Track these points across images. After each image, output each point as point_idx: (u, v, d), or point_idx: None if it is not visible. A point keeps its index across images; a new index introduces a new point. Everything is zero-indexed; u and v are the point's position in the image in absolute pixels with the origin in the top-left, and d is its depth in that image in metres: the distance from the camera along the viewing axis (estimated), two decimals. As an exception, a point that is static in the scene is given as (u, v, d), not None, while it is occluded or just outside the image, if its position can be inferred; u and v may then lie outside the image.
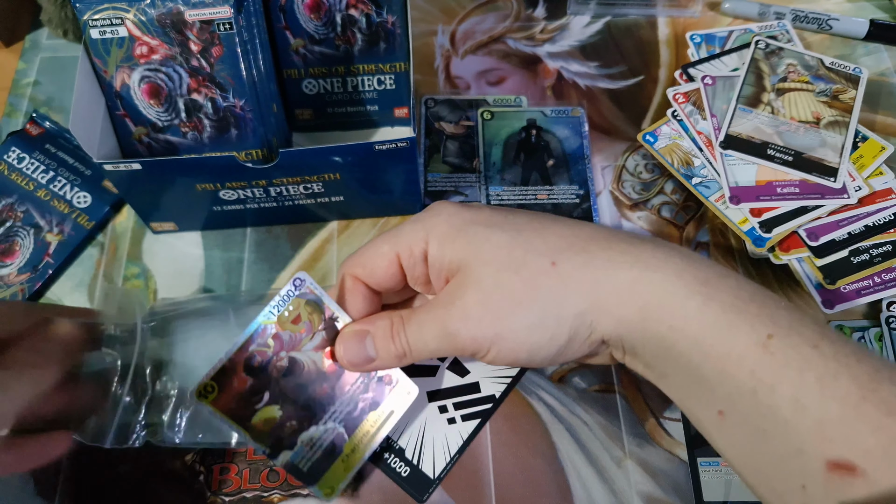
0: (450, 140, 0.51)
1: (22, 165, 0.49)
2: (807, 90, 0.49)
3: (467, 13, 0.58)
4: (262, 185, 0.43)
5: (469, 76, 0.54)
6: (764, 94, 0.49)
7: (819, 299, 0.44)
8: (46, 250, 0.47)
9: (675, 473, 0.40)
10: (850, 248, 0.45)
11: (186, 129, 0.44)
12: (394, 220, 0.48)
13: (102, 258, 0.47)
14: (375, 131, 0.52)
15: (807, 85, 0.50)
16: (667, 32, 0.56)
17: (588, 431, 0.41)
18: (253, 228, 0.48)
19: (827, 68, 0.50)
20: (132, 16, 0.40)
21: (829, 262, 0.45)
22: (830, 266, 0.44)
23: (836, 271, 0.44)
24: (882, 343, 0.42)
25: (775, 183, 0.46)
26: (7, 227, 0.47)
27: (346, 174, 0.43)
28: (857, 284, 0.44)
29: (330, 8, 0.45)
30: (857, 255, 0.45)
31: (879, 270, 0.44)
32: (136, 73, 0.42)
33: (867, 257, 0.45)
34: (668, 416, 0.41)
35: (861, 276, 0.44)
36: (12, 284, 0.45)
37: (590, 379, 0.43)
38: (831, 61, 0.51)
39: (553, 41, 0.56)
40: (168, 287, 0.46)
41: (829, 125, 0.48)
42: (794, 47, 0.52)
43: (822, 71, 0.50)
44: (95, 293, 0.46)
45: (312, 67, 0.48)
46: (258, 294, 0.45)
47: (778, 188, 0.46)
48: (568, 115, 0.52)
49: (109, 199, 0.49)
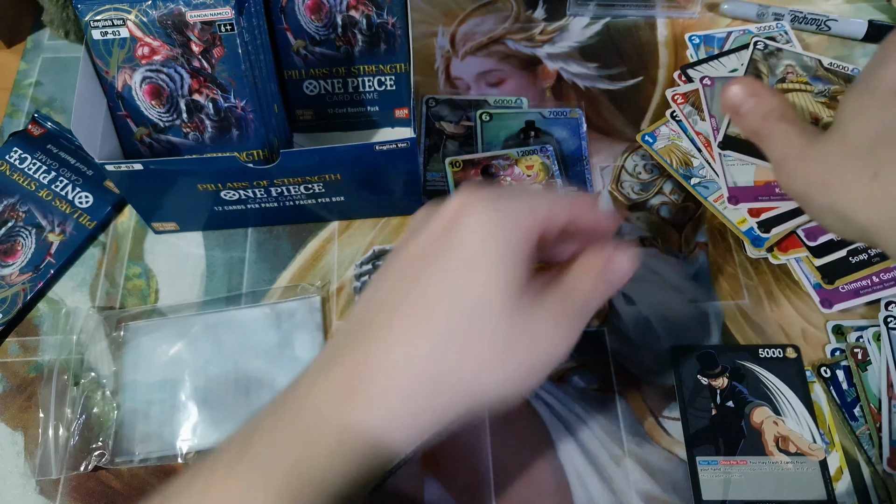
0: (450, 140, 0.51)
1: (24, 166, 0.49)
2: (805, 91, 0.49)
3: (467, 14, 0.58)
4: (264, 186, 0.43)
5: (469, 77, 0.54)
6: None
7: (817, 299, 0.44)
8: (48, 250, 0.47)
9: (673, 472, 0.40)
10: (848, 248, 0.45)
11: (188, 130, 0.44)
12: (394, 221, 0.48)
13: (104, 258, 0.48)
14: (376, 132, 0.52)
15: (805, 86, 0.50)
16: (665, 34, 0.56)
17: (587, 430, 0.41)
18: (254, 228, 0.48)
19: (825, 69, 0.51)
20: (134, 17, 0.40)
21: (828, 261, 0.45)
22: (829, 266, 0.45)
23: (834, 271, 0.44)
24: (880, 343, 0.42)
25: (773, 183, 0.46)
26: (9, 227, 0.48)
27: (346, 175, 0.43)
28: (856, 284, 0.44)
29: (331, 9, 0.45)
30: (855, 254, 0.45)
31: (878, 270, 0.44)
32: (137, 73, 0.42)
33: (865, 257, 0.45)
34: (666, 416, 0.41)
35: (859, 276, 0.44)
36: (14, 284, 0.46)
37: (589, 378, 0.43)
38: (829, 62, 0.51)
39: (552, 42, 0.56)
40: (169, 287, 0.46)
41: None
42: (792, 48, 0.52)
43: (821, 72, 0.51)
44: (97, 293, 0.46)
45: (313, 68, 0.48)
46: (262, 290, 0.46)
47: (776, 188, 0.46)
48: (566, 117, 0.52)
49: (111, 199, 0.49)
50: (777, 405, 0.41)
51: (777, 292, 0.45)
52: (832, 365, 0.42)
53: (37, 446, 0.41)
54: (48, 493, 0.40)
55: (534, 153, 0.49)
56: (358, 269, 0.46)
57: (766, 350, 0.43)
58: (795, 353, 0.42)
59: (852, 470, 0.39)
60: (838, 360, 0.42)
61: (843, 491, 0.39)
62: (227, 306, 0.45)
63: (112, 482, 0.40)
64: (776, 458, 0.39)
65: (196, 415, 0.41)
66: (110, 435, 0.41)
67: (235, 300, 0.45)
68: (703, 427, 0.41)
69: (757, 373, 0.42)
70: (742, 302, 0.45)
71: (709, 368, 0.42)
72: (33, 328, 0.45)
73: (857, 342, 0.42)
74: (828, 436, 0.40)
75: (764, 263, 0.46)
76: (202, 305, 0.45)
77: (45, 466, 0.40)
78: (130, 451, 0.40)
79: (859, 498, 0.39)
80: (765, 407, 0.41)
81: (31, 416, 0.42)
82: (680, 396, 0.42)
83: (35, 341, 0.45)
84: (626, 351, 0.43)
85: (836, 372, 0.42)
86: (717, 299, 0.45)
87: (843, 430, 0.40)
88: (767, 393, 0.41)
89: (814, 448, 0.40)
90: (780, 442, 0.40)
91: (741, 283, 0.45)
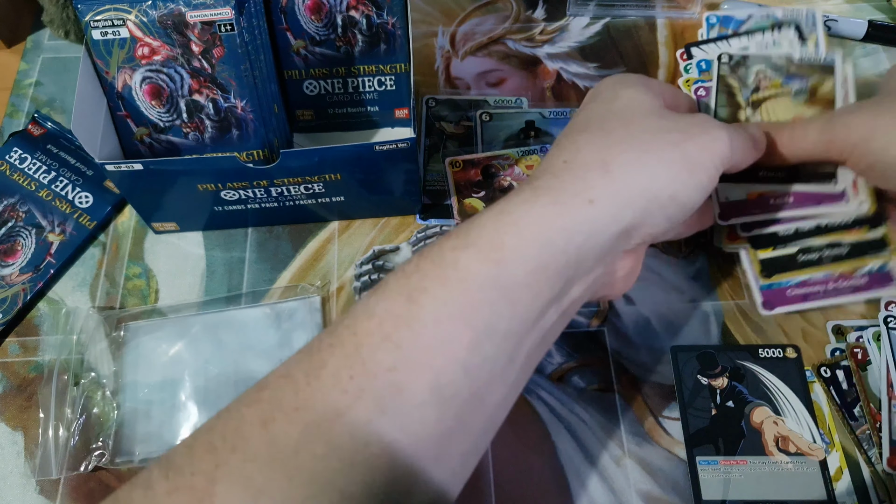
0: (450, 140, 0.51)
1: (24, 166, 0.49)
2: (782, 94, 0.45)
3: (467, 14, 0.58)
4: (264, 186, 0.43)
5: (469, 77, 0.54)
6: (740, 112, 0.45)
7: (760, 300, 0.44)
8: (48, 250, 0.47)
9: (673, 472, 0.40)
10: (800, 246, 0.43)
11: (188, 130, 0.44)
12: (394, 220, 0.48)
13: (104, 258, 0.48)
14: (376, 132, 0.52)
15: (780, 89, 0.45)
16: (665, 34, 0.56)
17: (587, 430, 0.41)
18: (254, 228, 0.48)
19: (796, 65, 0.46)
20: (134, 17, 0.40)
21: (773, 256, 0.43)
22: (772, 261, 0.43)
23: (773, 265, 0.43)
24: (880, 343, 0.42)
25: (767, 195, 0.44)
26: (9, 227, 0.48)
27: (346, 175, 0.43)
28: (805, 289, 0.43)
29: (331, 9, 0.45)
30: (806, 253, 0.43)
31: (831, 274, 0.43)
32: (137, 73, 0.42)
33: (816, 257, 0.43)
34: (666, 415, 0.41)
35: (801, 275, 0.43)
36: (14, 284, 0.46)
37: (589, 378, 0.43)
38: (799, 57, 0.46)
39: (552, 42, 0.56)
40: (170, 287, 0.46)
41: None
42: (758, 51, 0.48)
43: (793, 69, 0.46)
44: (97, 293, 0.46)
45: (313, 68, 0.48)
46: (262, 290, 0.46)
47: (770, 200, 0.43)
48: (566, 117, 0.52)
49: (111, 199, 0.49)
50: (777, 405, 0.41)
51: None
52: (832, 365, 0.42)
53: (37, 446, 0.41)
54: (48, 494, 0.40)
55: (534, 153, 0.49)
56: (358, 269, 0.46)
57: (766, 350, 0.43)
58: (795, 353, 0.42)
59: (852, 470, 0.39)
60: (838, 360, 0.42)
61: (843, 491, 0.39)
62: (227, 306, 0.45)
63: (112, 482, 0.40)
64: (776, 458, 0.39)
65: (196, 415, 0.41)
66: (110, 435, 0.41)
67: (235, 300, 0.45)
68: (703, 427, 0.41)
69: (757, 373, 0.42)
70: (742, 302, 0.45)
71: (709, 368, 0.42)
72: (33, 328, 0.45)
73: (857, 342, 0.42)
74: (828, 436, 0.40)
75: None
76: (202, 305, 0.45)
77: (45, 466, 0.40)
78: (130, 452, 0.40)
79: (859, 498, 0.39)
80: (765, 407, 0.41)
81: (31, 416, 0.42)
82: (680, 396, 0.42)
83: (35, 341, 0.45)
84: (626, 351, 0.44)
85: (836, 372, 0.42)
86: (717, 299, 0.45)
87: (843, 430, 0.40)
88: (767, 393, 0.41)
89: (814, 448, 0.40)
90: (780, 442, 0.40)
91: (741, 283, 0.45)
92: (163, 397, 0.42)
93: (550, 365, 0.43)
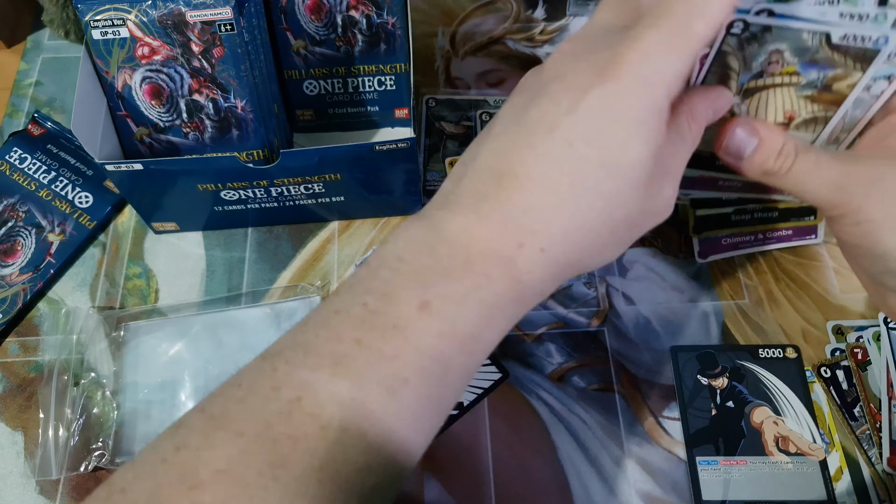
0: (450, 140, 0.51)
1: (24, 165, 0.49)
2: (789, 85, 0.35)
3: (467, 14, 0.58)
4: (264, 186, 0.43)
5: (469, 77, 0.54)
6: None
7: (697, 250, 0.47)
8: (48, 250, 0.47)
9: (673, 472, 0.40)
10: (734, 207, 0.47)
11: (188, 130, 0.44)
12: (394, 221, 0.48)
13: (104, 258, 0.48)
14: (376, 132, 0.52)
15: (790, 78, 0.35)
16: (666, 34, 0.56)
17: (587, 430, 0.41)
18: (254, 228, 0.48)
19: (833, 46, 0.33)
20: (133, 17, 0.40)
21: (709, 213, 0.47)
22: (707, 218, 0.47)
23: (708, 223, 0.46)
24: (880, 343, 0.42)
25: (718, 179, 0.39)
26: (9, 227, 0.48)
27: (346, 174, 0.43)
28: (736, 239, 0.46)
29: (330, 9, 0.45)
30: (740, 214, 0.47)
31: (762, 229, 0.46)
32: (137, 73, 0.42)
33: (748, 217, 0.46)
34: (666, 415, 0.41)
35: (732, 232, 0.46)
36: (14, 284, 0.46)
37: (589, 378, 0.43)
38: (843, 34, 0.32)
39: (553, 42, 0.56)
40: (170, 287, 0.46)
41: (802, 124, 0.35)
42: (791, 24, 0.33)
43: (823, 52, 0.33)
44: (97, 293, 0.46)
45: (313, 68, 0.48)
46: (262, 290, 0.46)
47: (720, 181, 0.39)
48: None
49: (111, 199, 0.49)
50: (777, 405, 0.41)
51: (777, 292, 0.45)
52: (832, 365, 0.42)
53: (37, 446, 0.41)
54: (48, 493, 0.40)
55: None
56: (358, 268, 0.46)
57: (766, 350, 0.43)
58: (795, 353, 0.42)
59: (852, 470, 0.39)
60: (838, 360, 0.42)
61: (843, 491, 0.39)
62: (227, 306, 0.45)
63: (112, 482, 0.40)
64: (776, 458, 0.39)
65: (196, 415, 0.41)
66: (110, 435, 0.41)
67: (235, 300, 0.45)
68: (703, 427, 0.41)
69: (757, 373, 0.42)
70: (742, 302, 0.45)
71: (709, 368, 0.42)
72: (33, 328, 0.45)
73: (857, 342, 0.42)
74: (828, 436, 0.40)
75: (764, 263, 0.46)
76: (202, 305, 0.45)
77: (45, 466, 0.40)
78: (130, 452, 0.40)
79: (859, 498, 0.39)
80: (765, 407, 0.41)
81: (31, 416, 0.42)
82: (680, 396, 0.42)
83: (35, 341, 0.45)
84: (626, 351, 0.44)
85: (836, 372, 0.42)
86: (717, 299, 0.45)
87: (843, 430, 0.40)
88: (767, 393, 0.41)
89: (814, 448, 0.40)
90: (780, 442, 0.40)
91: (741, 283, 0.45)
92: (163, 397, 0.42)
93: (550, 365, 0.43)
